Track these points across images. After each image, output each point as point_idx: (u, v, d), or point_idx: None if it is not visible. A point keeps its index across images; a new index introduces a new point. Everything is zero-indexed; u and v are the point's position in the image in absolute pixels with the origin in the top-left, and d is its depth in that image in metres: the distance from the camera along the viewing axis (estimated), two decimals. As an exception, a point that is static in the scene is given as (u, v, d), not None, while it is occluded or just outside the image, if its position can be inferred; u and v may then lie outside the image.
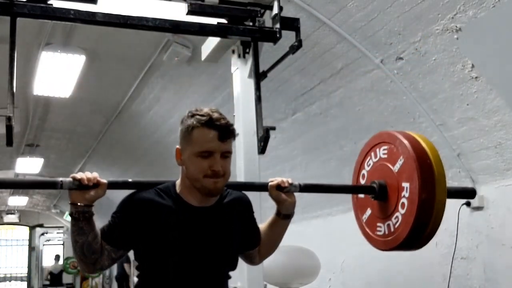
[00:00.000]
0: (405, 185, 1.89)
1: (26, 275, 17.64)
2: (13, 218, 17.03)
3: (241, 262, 1.91)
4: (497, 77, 3.19)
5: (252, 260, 1.97)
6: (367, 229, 2.13)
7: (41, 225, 16.94)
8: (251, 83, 3.04)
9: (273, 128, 2.83)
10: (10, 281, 18.75)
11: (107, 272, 15.34)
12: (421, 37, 3.33)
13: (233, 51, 3.25)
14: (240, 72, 3.21)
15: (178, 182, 1.74)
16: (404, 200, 1.89)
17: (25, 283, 17.70)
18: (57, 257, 15.25)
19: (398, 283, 4.49)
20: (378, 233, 2.05)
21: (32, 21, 2.80)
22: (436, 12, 3.13)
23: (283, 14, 2.91)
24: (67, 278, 14.99)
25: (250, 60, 3.10)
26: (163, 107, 6.38)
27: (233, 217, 1.78)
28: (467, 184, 3.78)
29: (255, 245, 1.91)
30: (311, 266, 4.50)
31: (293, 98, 4.73)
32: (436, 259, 4.06)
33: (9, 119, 2.29)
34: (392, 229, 1.97)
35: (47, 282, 14.91)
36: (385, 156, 2.03)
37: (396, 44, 3.51)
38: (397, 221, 1.93)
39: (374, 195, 2.04)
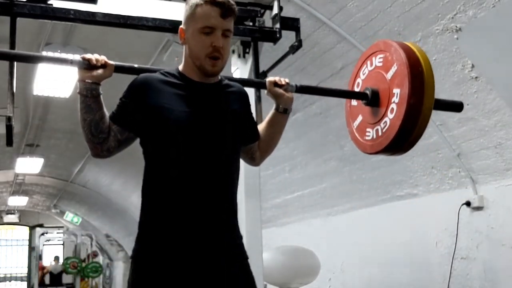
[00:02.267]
0: (396, 91, 1.95)
1: (26, 275, 17.65)
2: (13, 218, 17.03)
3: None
4: (497, 77, 3.19)
5: (253, 156, 1.98)
6: (357, 135, 2.20)
7: (41, 225, 16.93)
8: (251, 83, 3.04)
9: (273, 128, 2.82)
10: (10, 281, 18.77)
11: (107, 272, 15.34)
12: (421, 37, 3.33)
13: (233, 51, 3.26)
14: (240, 72, 3.21)
15: (181, 65, 1.80)
16: (393, 105, 1.96)
17: (25, 283, 17.71)
18: (56, 258, 15.25)
19: (398, 283, 4.49)
20: (367, 137, 2.12)
21: (32, 21, 2.80)
22: (436, 12, 3.13)
23: (283, 14, 2.91)
24: (67, 278, 14.98)
25: (250, 60, 3.11)
26: (163, 107, 6.37)
27: (232, 99, 1.83)
28: (467, 184, 3.79)
29: (255, 138, 1.94)
30: (311, 266, 4.50)
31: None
32: (436, 259, 4.06)
33: (9, 119, 2.30)
34: (380, 133, 2.03)
35: (47, 282, 14.90)
36: (380, 64, 2.09)
37: (396, 44, 3.51)
38: (385, 126, 2.00)
39: (367, 101, 2.09)
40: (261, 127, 1.97)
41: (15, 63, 2.37)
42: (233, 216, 1.77)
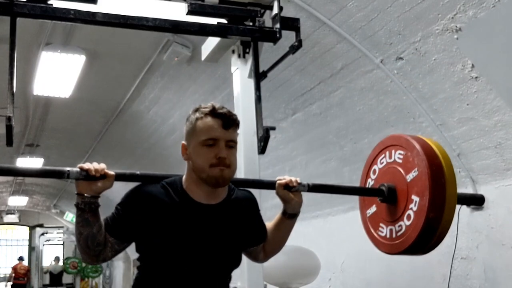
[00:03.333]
0: (415, 198, 1.87)
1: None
2: (13, 218, 17.04)
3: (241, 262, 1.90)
4: (497, 77, 3.19)
5: (256, 257, 1.96)
6: (370, 226, 2.14)
7: (41, 225, 16.95)
8: (251, 83, 3.04)
9: (273, 128, 2.83)
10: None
11: (107, 272, 15.35)
12: (421, 37, 3.33)
13: (233, 51, 3.25)
14: (240, 72, 3.21)
15: (184, 178, 1.73)
16: (411, 212, 1.88)
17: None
18: (56, 259, 15.25)
19: (398, 283, 4.48)
20: (380, 233, 2.07)
21: (32, 21, 2.80)
22: (436, 12, 3.13)
23: (283, 14, 2.91)
24: (67, 278, 14.99)
25: (250, 60, 3.10)
26: (163, 107, 6.38)
27: (239, 216, 1.78)
28: (467, 184, 3.78)
29: (260, 241, 1.91)
30: (311, 266, 4.50)
31: (293, 98, 4.73)
32: (436, 259, 4.05)
33: (9, 119, 2.30)
34: (394, 236, 1.97)
35: (47, 282, 14.91)
36: (400, 161, 1.99)
37: (396, 44, 3.51)
38: (400, 230, 1.93)
39: (382, 198, 2.03)
40: (267, 227, 1.94)
41: (15, 63, 2.37)
42: None
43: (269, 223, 1.95)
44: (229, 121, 1.66)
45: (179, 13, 2.76)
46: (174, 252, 1.64)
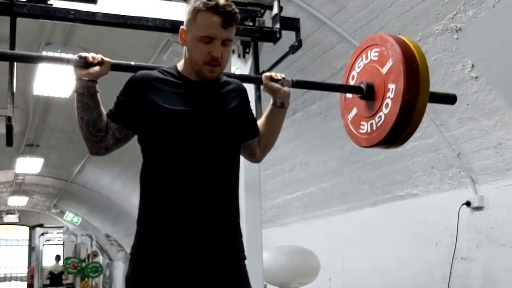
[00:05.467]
0: (391, 86, 1.97)
1: (26, 275, 17.65)
2: (13, 218, 17.04)
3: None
4: (497, 77, 3.19)
5: (253, 153, 1.98)
6: (351, 127, 2.21)
7: (41, 225, 16.95)
8: (251, 83, 3.04)
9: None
10: (10, 281, 18.77)
11: (107, 272, 15.34)
12: (421, 37, 3.33)
13: (233, 51, 3.25)
14: (240, 72, 3.21)
15: (180, 63, 1.79)
16: (388, 100, 1.97)
17: (25, 283, 17.71)
18: (57, 258, 15.26)
19: (398, 283, 4.49)
20: (361, 131, 2.14)
21: (32, 21, 2.80)
22: (436, 12, 3.13)
23: (283, 14, 2.91)
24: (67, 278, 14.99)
25: (250, 60, 3.11)
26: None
27: (231, 96, 1.82)
28: (467, 184, 3.79)
29: (254, 134, 1.93)
30: (311, 266, 4.50)
31: (293, 98, 4.72)
32: (436, 259, 4.06)
33: (9, 119, 2.30)
34: (374, 127, 2.05)
35: (47, 282, 14.91)
36: (376, 58, 2.09)
37: (396, 44, 3.51)
38: (380, 120, 2.01)
39: (361, 95, 2.10)
40: (259, 123, 1.97)
41: (15, 63, 2.37)
42: (233, 213, 1.75)
43: (260, 118, 2.00)
44: (229, 20, 1.67)
45: (179, 13, 2.76)
46: (176, 125, 1.67)
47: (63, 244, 17.55)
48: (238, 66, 3.22)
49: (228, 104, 1.79)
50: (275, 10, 2.88)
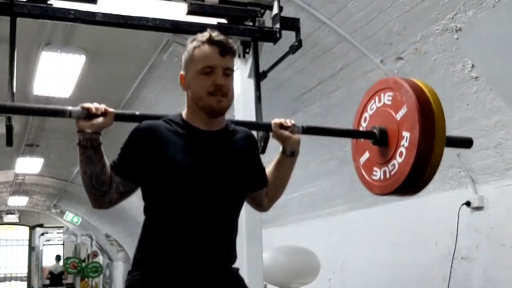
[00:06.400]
0: (406, 134, 1.91)
1: (26, 275, 17.66)
2: (13, 218, 17.03)
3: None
4: (497, 77, 3.20)
5: (261, 203, 1.94)
6: (363, 172, 2.17)
7: (41, 225, 16.94)
8: (251, 83, 3.04)
9: (273, 128, 2.82)
10: (10, 281, 18.77)
11: (107, 272, 15.34)
12: (421, 37, 3.33)
13: (233, 51, 3.25)
14: (240, 72, 3.20)
15: (184, 111, 1.76)
16: (402, 149, 1.92)
17: (25, 283, 17.72)
18: (57, 258, 15.26)
19: (398, 283, 4.49)
20: (374, 177, 2.09)
21: (32, 21, 2.80)
22: (436, 12, 3.13)
23: (283, 14, 2.91)
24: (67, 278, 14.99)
25: (250, 60, 3.10)
26: (163, 107, 6.37)
27: (240, 146, 1.78)
28: (467, 184, 3.79)
29: (263, 184, 1.89)
30: (311, 266, 4.50)
31: (293, 98, 4.73)
32: (436, 259, 4.06)
33: (9, 119, 2.30)
34: (387, 176, 2.00)
35: (47, 282, 14.91)
36: (389, 102, 2.04)
37: (396, 44, 3.51)
38: (394, 169, 1.96)
39: (374, 140, 2.06)
40: (268, 171, 1.92)
41: (15, 63, 2.38)
42: (232, 259, 1.77)
43: (269, 166, 1.95)
44: (226, 48, 1.66)
45: (179, 13, 2.76)
46: (181, 177, 1.64)
47: (63, 244, 17.54)
48: (238, 66, 3.21)
49: (235, 155, 1.75)
50: (275, 10, 2.88)
